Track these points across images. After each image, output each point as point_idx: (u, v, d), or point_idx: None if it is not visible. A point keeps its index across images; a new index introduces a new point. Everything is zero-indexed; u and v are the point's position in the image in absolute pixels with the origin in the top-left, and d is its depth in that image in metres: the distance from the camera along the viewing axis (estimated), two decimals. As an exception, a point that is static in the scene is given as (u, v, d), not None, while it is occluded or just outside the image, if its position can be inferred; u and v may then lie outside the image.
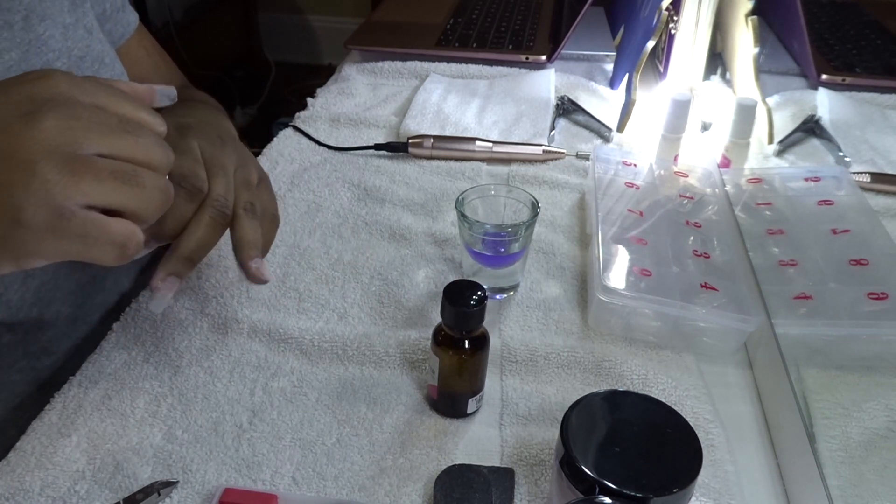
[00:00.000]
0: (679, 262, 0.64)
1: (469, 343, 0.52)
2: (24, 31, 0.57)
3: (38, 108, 0.38)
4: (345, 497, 0.49)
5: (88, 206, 0.39)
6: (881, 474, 0.47)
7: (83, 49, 0.62)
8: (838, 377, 0.55)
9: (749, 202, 0.73)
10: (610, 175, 0.75)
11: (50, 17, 0.59)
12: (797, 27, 0.81)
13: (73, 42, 0.61)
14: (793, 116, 0.82)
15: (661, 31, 0.93)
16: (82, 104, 0.39)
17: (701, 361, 0.60)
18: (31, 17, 0.58)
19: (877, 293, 0.55)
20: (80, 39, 0.62)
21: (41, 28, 0.58)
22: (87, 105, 0.39)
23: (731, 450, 0.53)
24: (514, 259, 0.64)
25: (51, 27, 0.59)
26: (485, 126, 0.93)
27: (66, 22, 0.61)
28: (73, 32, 0.61)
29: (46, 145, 0.37)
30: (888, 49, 0.79)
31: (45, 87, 0.39)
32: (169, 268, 0.49)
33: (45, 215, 0.37)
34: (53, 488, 0.49)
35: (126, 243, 0.41)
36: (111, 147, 0.39)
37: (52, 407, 0.54)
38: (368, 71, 1.09)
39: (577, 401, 0.44)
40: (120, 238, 0.40)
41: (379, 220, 0.76)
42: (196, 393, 0.56)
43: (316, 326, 0.62)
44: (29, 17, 0.57)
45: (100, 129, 0.39)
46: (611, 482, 0.39)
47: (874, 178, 0.68)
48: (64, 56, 0.60)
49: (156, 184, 0.41)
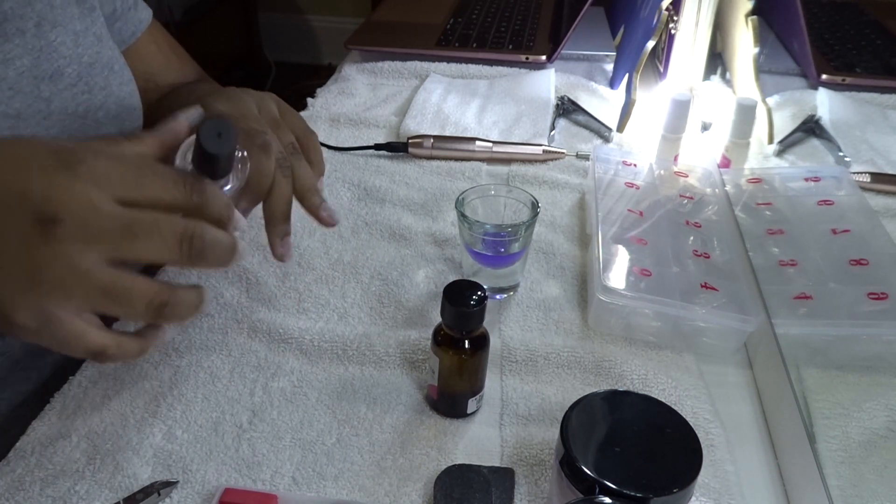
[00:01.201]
0: (679, 262, 0.64)
1: (469, 343, 0.52)
2: (35, 37, 0.57)
3: (52, 222, 0.38)
4: (345, 497, 0.49)
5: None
6: (881, 474, 0.47)
7: (93, 56, 0.62)
8: (838, 377, 0.55)
9: (749, 202, 0.73)
10: (610, 175, 0.75)
11: (61, 25, 0.60)
12: (797, 27, 0.81)
13: (84, 49, 0.61)
14: (793, 116, 0.82)
15: (661, 31, 0.93)
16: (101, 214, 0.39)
17: (701, 361, 0.60)
18: (42, 24, 0.58)
19: (877, 293, 0.55)
20: (90, 46, 0.62)
21: (53, 35, 0.59)
22: (106, 215, 0.40)
23: (731, 450, 0.53)
24: (514, 259, 0.64)
25: (62, 34, 0.59)
26: (485, 126, 0.93)
27: (76, 29, 0.61)
28: (83, 39, 0.61)
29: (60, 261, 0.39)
30: (888, 49, 0.79)
31: (66, 197, 0.39)
32: (277, 232, 0.54)
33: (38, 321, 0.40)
34: (53, 488, 0.49)
35: (98, 355, 0.43)
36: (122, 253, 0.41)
37: (52, 407, 0.55)
38: (368, 71, 1.09)
39: (577, 401, 0.44)
40: (89, 350, 0.42)
41: (379, 220, 0.76)
42: (196, 393, 0.56)
43: (316, 326, 0.62)
44: (41, 23, 0.58)
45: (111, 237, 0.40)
46: (611, 482, 0.39)
47: (874, 178, 0.68)
48: (74, 63, 0.60)
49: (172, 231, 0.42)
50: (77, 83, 0.60)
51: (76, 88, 0.60)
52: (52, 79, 0.58)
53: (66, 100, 0.59)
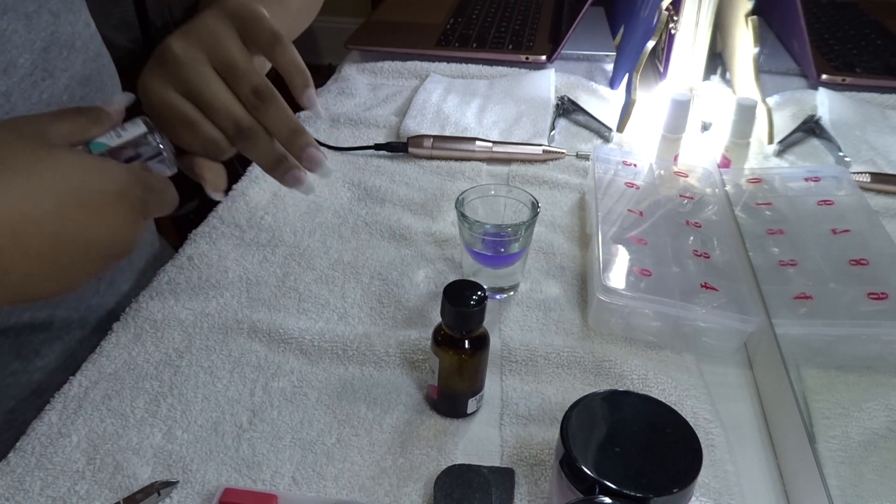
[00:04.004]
0: (679, 262, 0.64)
1: (469, 343, 0.52)
2: None
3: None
4: (345, 497, 0.49)
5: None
6: (881, 474, 0.47)
7: (47, 38, 0.58)
8: (838, 377, 0.55)
9: (749, 202, 0.73)
10: (610, 175, 0.75)
11: (12, 9, 0.55)
12: (797, 27, 0.81)
13: (37, 32, 0.57)
14: (793, 116, 0.81)
15: (661, 31, 0.93)
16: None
17: (701, 361, 0.60)
18: None
19: (877, 293, 0.55)
20: (44, 28, 0.57)
21: (3, 22, 0.54)
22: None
23: (731, 450, 0.53)
24: (514, 259, 0.64)
25: (13, 20, 0.55)
26: (485, 126, 0.93)
27: (28, 10, 0.56)
28: (36, 21, 0.57)
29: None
30: (888, 49, 0.78)
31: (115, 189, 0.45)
32: (283, 170, 0.53)
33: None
34: (53, 488, 0.49)
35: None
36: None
37: (52, 407, 0.54)
38: (368, 71, 1.09)
39: (577, 401, 0.44)
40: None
41: (379, 220, 0.76)
42: (196, 393, 0.56)
43: (316, 326, 0.62)
44: None
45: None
46: (611, 482, 0.39)
47: (874, 178, 0.68)
48: (27, 51, 0.56)
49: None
50: (34, 71, 0.56)
51: (34, 77, 0.56)
52: (7, 72, 0.55)
53: (26, 90, 0.56)
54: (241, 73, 0.50)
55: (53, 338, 0.64)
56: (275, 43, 0.51)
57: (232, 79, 0.50)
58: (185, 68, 0.49)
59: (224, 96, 0.50)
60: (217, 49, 0.50)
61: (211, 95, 0.50)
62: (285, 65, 0.52)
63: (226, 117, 0.50)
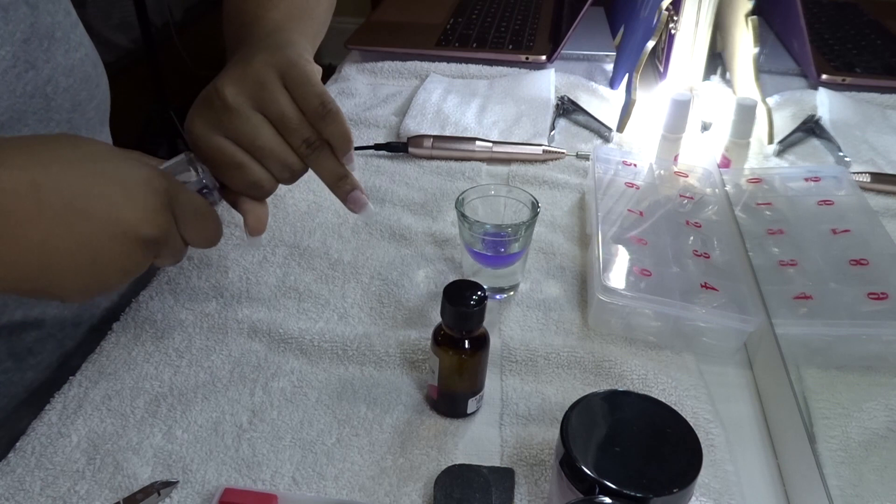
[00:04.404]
0: (679, 262, 0.64)
1: (469, 343, 0.52)
2: None
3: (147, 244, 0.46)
4: (345, 497, 0.49)
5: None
6: (881, 474, 0.47)
7: (26, 30, 0.56)
8: (838, 377, 0.55)
9: (749, 202, 0.73)
10: (610, 175, 0.75)
11: None
12: (797, 27, 0.81)
13: (16, 24, 0.56)
14: (793, 116, 0.81)
15: (661, 31, 0.93)
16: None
17: (701, 361, 0.60)
18: None
19: (877, 293, 0.55)
20: (22, 19, 0.56)
21: None
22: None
23: (731, 450, 0.53)
24: (514, 259, 0.64)
25: None
26: (485, 126, 0.93)
27: (4, 3, 0.55)
28: (13, 13, 0.55)
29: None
30: (888, 49, 0.78)
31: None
32: (340, 195, 0.56)
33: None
34: (53, 488, 0.49)
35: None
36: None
37: (52, 407, 0.54)
38: (368, 71, 1.09)
39: (577, 401, 0.44)
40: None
41: (379, 219, 0.76)
42: (196, 393, 0.56)
43: (316, 326, 0.62)
44: None
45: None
46: (611, 482, 0.39)
47: (874, 178, 0.68)
48: (7, 43, 0.55)
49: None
50: (16, 63, 0.56)
51: (17, 68, 0.56)
52: None
53: (10, 82, 0.55)
54: (294, 125, 0.52)
55: (46, 336, 0.64)
56: (324, 114, 0.52)
57: (283, 129, 0.52)
58: (235, 116, 0.51)
59: (276, 144, 0.52)
60: (268, 100, 0.51)
61: (263, 144, 0.52)
62: (331, 134, 0.53)
63: (278, 163, 0.53)
